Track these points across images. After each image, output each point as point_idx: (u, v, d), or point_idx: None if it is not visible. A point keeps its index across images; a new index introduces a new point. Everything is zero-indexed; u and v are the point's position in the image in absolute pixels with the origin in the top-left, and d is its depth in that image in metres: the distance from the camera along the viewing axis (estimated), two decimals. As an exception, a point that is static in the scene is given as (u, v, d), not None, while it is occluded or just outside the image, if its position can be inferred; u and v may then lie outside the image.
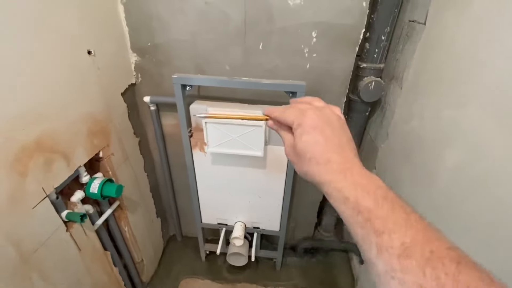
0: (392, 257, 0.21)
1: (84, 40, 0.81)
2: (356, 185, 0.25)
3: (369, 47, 1.03)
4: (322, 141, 0.28)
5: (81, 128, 0.84)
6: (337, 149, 0.28)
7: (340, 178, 0.26)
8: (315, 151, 0.28)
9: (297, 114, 0.30)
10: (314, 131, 0.28)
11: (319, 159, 0.27)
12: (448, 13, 0.76)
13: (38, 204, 0.70)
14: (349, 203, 0.25)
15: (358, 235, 0.24)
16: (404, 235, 0.22)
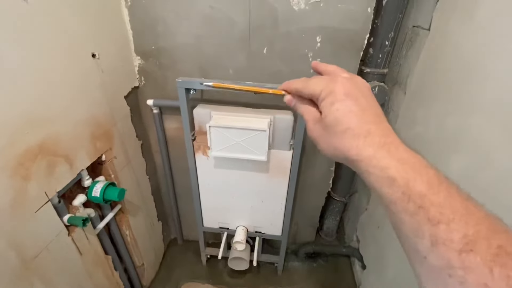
0: (450, 252, 0.18)
1: (88, 43, 0.81)
2: (403, 163, 0.21)
3: (373, 52, 1.03)
4: (358, 110, 0.24)
5: (84, 131, 0.83)
6: (374, 119, 0.24)
7: (384, 153, 0.22)
8: (351, 121, 0.23)
9: (325, 82, 0.26)
10: (348, 99, 0.24)
11: (357, 130, 0.23)
12: (453, 19, 0.76)
13: (40, 208, 0.69)
14: (397, 185, 0.21)
15: (406, 225, 0.20)
16: (466, 226, 0.18)
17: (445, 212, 0.19)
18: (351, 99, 0.24)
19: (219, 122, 0.94)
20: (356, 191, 1.49)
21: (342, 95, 0.25)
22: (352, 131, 0.23)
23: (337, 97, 0.25)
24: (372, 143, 0.22)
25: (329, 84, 0.25)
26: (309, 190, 1.33)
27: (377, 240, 1.19)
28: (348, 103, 0.24)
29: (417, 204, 0.20)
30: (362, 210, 1.38)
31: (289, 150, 1.03)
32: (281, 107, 1.03)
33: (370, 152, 0.22)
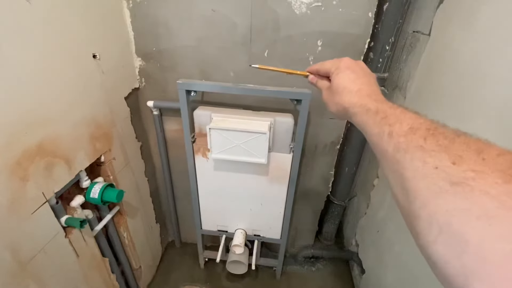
0: (400, 136, 0.25)
1: (89, 44, 0.81)
2: (380, 102, 0.30)
3: (373, 57, 1.04)
4: (354, 77, 0.35)
5: (84, 132, 0.83)
6: (367, 83, 0.34)
7: (367, 100, 0.31)
8: (347, 83, 0.34)
9: (334, 61, 0.38)
10: (348, 70, 0.36)
11: (351, 88, 0.34)
12: (453, 25, 0.77)
13: (38, 209, 0.69)
14: (371, 111, 0.30)
15: (374, 134, 0.28)
16: (412, 122, 0.25)
17: (399, 117, 0.26)
18: (350, 70, 0.36)
19: (220, 124, 0.93)
20: (355, 195, 1.49)
21: (344, 68, 0.36)
22: (347, 89, 0.34)
23: (341, 69, 0.36)
24: (360, 95, 0.33)
25: (337, 62, 0.38)
26: (308, 194, 1.32)
27: (376, 245, 1.19)
28: (348, 72, 0.36)
29: (381, 116, 0.28)
30: (361, 214, 1.38)
31: (289, 153, 1.03)
32: (283, 110, 1.03)
33: (358, 99, 0.32)
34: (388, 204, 1.10)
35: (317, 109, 1.07)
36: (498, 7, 0.62)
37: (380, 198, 1.18)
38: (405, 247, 0.94)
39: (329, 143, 1.16)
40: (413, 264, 0.88)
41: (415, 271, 0.87)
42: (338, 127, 1.12)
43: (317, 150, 1.19)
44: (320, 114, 1.09)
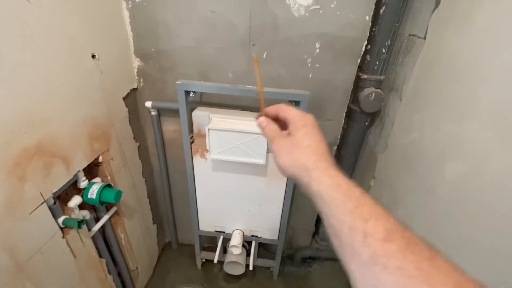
0: (376, 242, 0.23)
1: (88, 44, 0.81)
2: (343, 176, 0.29)
3: (370, 59, 1.05)
4: (319, 138, 0.33)
5: (82, 132, 0.82)
6: (327, 149, 0.33)
7: (333, 169, 0.30)
8: (313, 143, 0.32)
9: (301, 113, 0.35)
10: (314, 129, 0.34)
11: (316, 149, 0.32)
12: (449, 29, 0.79)
13: (35, 209, 0.68)
14: (342, 189, 0.27)
15: (345, 223, 0.26)
16: (386, 223, 0.24)
17: (373, 212, 0.25)
18: (316, 130, 0.34)
19: (219, 125, 0.94)
20: (351, 195, 1.50)
21: (312, 125, 0.34)
22: (312, 149, 0.32)
23: (309, 125, 0.34)
24: (325, 160, 0.31)
25: (305, 115, 0.35)
26: (305, 194, 1.33)
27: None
28: (315, 132, 0.34)
29: (354, 204, 0.26)
30: (357, 215, 1.39)
31: (287, 154, 1.03)
32: (280, 111, 1.03)
33: (324, 165, 0.30)
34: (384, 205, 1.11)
35: (315, 111, 1.08)
36: (492, 12, 0.64)
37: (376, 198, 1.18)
38: (401, 247, 0.95)
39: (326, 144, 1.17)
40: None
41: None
42: (335, 129, 1.13)
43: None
44: (318, 115, 1.10)
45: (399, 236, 0.23)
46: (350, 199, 0.27)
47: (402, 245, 0.23)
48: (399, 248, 0.22)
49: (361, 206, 0.26)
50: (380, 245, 0.23)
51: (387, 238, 0.23)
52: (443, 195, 0.75)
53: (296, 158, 0.32)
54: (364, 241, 0.24)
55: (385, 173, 1.13)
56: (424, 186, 0.84)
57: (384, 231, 0.24)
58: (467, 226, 0.66)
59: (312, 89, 1.00)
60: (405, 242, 0.23)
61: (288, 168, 0.33)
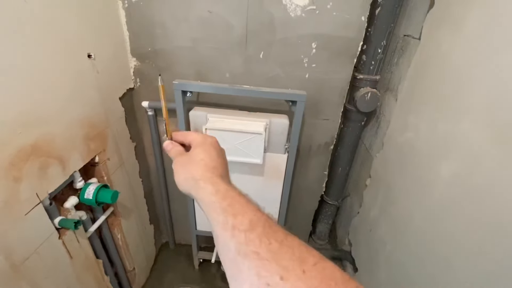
0: (241, 233, 0.26)
1: (84, 44, 0.80)
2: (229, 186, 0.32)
3: (366, 59, 1.06)
4: (215, 154, 0.36)
5: (79, 132, 0.82)
6: (223, 165, 0.36)
7: (219, 180, 0.33)
8: (206, 157, 0.35)
9: (202, 135, 0.39)
10: (212, 147, 0.38)
11: (207, 162, 0.35)
12: (442, 30, 0.80)
13: (31, 210, 0.68)
14: (220, 193, 0.30)
15: (219, 222, 0.28)
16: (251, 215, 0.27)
17: (243, 208, 0.28)
18: (214, 148, 0.37)
19: (216, 124, 0.94)
20: (348, 194, 1.52)
21: (209, 144, 0.38)
22: (204, 162, 0.35)
23: (207, 144, 0.38)
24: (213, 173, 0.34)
25: (205, 136, 0.39)
26: (302, 194, 1.34)
27: (368, 243, 1.21)
28: (211, 148, 0.37)
29: (227, 203, 0.29)
30: (354, 214, 1.40)
31: (284, 153, 1.04)
32: (278, 111, 1.04)
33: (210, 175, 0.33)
34: (380, 204, 1.12)
35: (311, 110, 1.09)
36: (484, 13, 0.65)
37: (372, 197, 1.20)
38: (396, 245, 0.97)
39: (323, 143, 1.18)
40: (404, 261, 0.91)
41: (407, 269, 0.89)
42: (331, 128, 1.14)
43: (311, 150, 1.20)
44: (314, 115, 1.11)
45: (260, 226, 0.26)
46: (225, 200, 0.29)
47: (261, 232, 0.25)
48: (257, 235, 0.25)
49: (233, 204, 0.29)
50: (243, 235, 0.25)
51: (249, 228, 0.26)
52: (438, 193, 0.76)
53: (189, 172, 0.34)
54: (232, 234, 0.26)
55: (381, 172, 1.14)
56: (419, 185, 0.85)
57: (248, 223, 0.26)
58: (461, 224, 0.67)
59: (308, 89, 1.01)
60: (264, 230, 0.25)
61: (182, 182, 0.35)
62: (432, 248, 0.77)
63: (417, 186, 0.86)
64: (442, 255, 0.73)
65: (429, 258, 0.78)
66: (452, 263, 0.69)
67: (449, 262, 0.70)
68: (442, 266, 0.72)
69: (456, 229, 0.69)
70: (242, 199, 0.30)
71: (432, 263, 0.76)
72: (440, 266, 0.73)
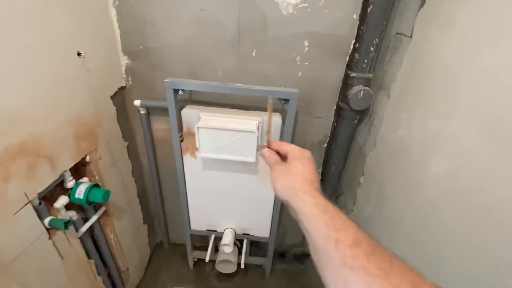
0: (346, 247, 0.28)
1: (74, 41, 0.79)
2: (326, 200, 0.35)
3: (358, 57, 1.07)
4: (312, 169, 0.39)
5: (69, 131, 0.81)
6: (316, 179, 0.39)
7: (317, 193, 0.36)
8: (305, 170, 0.38)
9: (299, 148, 0.42)
10: (310, 162, 0.40)
11: (306, 175, 0.38)
12: (433, 27, 0.80)
13: (20, 210, 0.67)
14: (320, 207, 0.33)
15: (321, 234, 0.31)
16: (355, 234, 0.29)
17: (344, 224, 0.30)
18: (311, 163, 0.40)
19: (208, 123, 0.94)
20: (342, 192, 1.52)
21: (307, 159, 0.40)
22: (303, 175, 0.38)
23: (305, 157, 0.41)
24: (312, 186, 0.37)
25: (302, 150, 0.42)
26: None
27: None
28: (309, 163, 0.40)
29: (329, 217, 0.31)
30: (348, 212, 1.41)
31: (277, 152, 1.04)
32: (270, 109, 1.04)
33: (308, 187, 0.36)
34: (373, 201, 1.13)
35: (304, 109, 1.09)
36: (473, 12, 0.65)
37: (365, 195, 1.21)
38: (389, 242, 0.97)
39: (316, 142, 1.18)
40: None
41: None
42: (325, 127, 1.14)
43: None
44: (307, 113, 1.11)
45: (365, 243, 0.28)
46: (326, 214, 0.32)
47: (367, 250, 0.27)
48: (364, 252, 0.27)
49: (335, 219, 0.31)
50: (348, 249, 0.27)
51: (354, 244, 0.28)
52: (428, 190, 0.77)
53: (288, 181, 0.38)
54: (336, 246, 0.28)
55: (374, 170, 1.15)
56: (411, 182, 0.86)
57: (353, 239, 0.28)
58: (450, 220, 0.68)
59: (301, 87, 1.01)
60: (370, 248, 0.27)
61: (281, 190, 0.39)
62: (423, 245, 0.78)
63: (409, 184, 0.87)
64: (432, 252, 0.73)
65: (419, 255, 0.78)
66: (442, 259, 0.70)
67: (439, 258, 0.71)
68: (432, 262, 0.73)
69: (445, 226, 0.69)
70: (343, 215, 0.32)
71: (422, 260, 0.77)
72: (430, 263, 0.74)
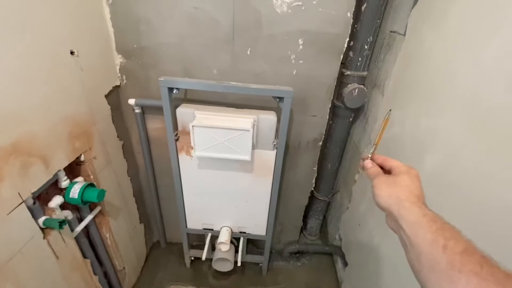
0: (455, 254, 0.28)
1: (66, 40, 0.79)
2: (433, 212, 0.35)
3: (353, 56, 1.07)
4: (419, 185, 0.40)
5: (62, 130, 0.80)
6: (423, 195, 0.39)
7: (424, 206, 0.36)
8: (412, 185, 0.39)
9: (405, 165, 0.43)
10: (417, 178, 0.41)
11: (413, 189, 0.38)
12: (426, 26, 0.81)
13: (13, 210, 0.66)
14: (427, 216, 0.34)
15: (426, 240, 0.31)
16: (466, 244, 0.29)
17: (455, 235, 0.30)
18: (417, 180, 0.40)
19: (203, 121, 0.94)
20: (338, 190, 1.53)
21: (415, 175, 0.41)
22: (410, 188, 0.39)
23: (412, 174, 0.41)
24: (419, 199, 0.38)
25: (410, 167, 0.42)
26: (292, 190, 1.35)
27: (358, 238, 1.23)
28: (416, 179, 0.40)
29: (438, 227, 0.32)
30: (344, 209, 1.42)
31: (273, 150, 1.04)
32: (265, 108, 1.04)
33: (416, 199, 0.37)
34: (368, 198, 1.14)
35: (299, 107, 1.09)
36: (465, 9, 0.66)
37: (361, 192, 1.22)
38: (383, 238, 0.98)
39: (312, 139, 1.19)
40: (390, 254, 0.92)
41: (393, 260, 0.91)
42: (320, 125, 1.15)
43: (300, 146, 1.21)
44: (302, 111, 1.11)
45: (477, 255, 0.27)
46: (435, 223, 0.32)
47: (481, 260, 0.27)
48: (477, 261, 0.27)
49: (444, 229, 0.31)
50: (458, 256, 0.28)
51: (465, 253, 0.28)
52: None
53: (393, 192, 0.39)
54: (443, 251, 0.29)
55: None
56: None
57: (463, 248, 0.28)
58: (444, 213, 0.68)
59: (296, 86, 1.01)
60: (483, 259, 0.27)
61: (384, 198, 0.39)
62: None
63: (403, 180, 0.88)
64: None
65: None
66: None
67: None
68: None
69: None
70: (453, 228, 0.32)
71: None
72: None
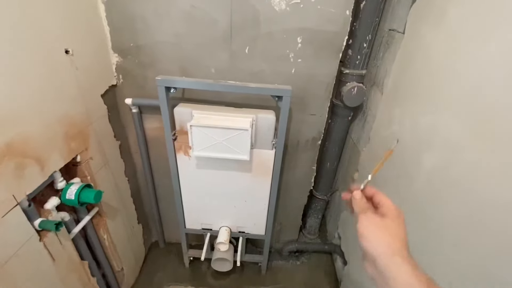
0: None
1: (61, 39, 0.77)
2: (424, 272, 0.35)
3: (352, 54, 1.07)
4: (405, 231, 0.39)
5: (58, 131, 0.79)
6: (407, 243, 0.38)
7: (413, 260, 0.35)
8: (402, 234, 0.38)
9: (395, 207, 0.41)
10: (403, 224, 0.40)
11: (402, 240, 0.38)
12: (425, 24, 0.80)
13: (8, 212, 0.65)
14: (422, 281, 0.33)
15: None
16: None
17: None
18: (404, 224, 0.40)
19: (201, 121, 0.93)
20: (337, 189, 1.53)
21: (403, 219, 0.40)
22: (399, 238, 0.38)
23: (402, 218, 0.40)
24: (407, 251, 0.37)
25: (399, 209, 0.41)
26: (291, 189, 1.34)
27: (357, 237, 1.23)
28: (404, 226, 0.39)
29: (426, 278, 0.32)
30: (343, 208, 1.42)
31: (272, 149, 1.04)
32: (263, 107, 1.03)
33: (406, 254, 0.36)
34: (367, 197, 1.13)
35: (298, 106, 1.09)
36: (464, 8, 0.65)
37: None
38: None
39: (310, 138, 1.18)
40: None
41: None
42: (319, 124, 1.14)
43: (299, 146, 1.20)
44: (301, 110, 1.10)
45: None
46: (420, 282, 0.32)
47: None
48: None
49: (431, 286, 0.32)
50: None
51: None
52: (420, 185, 0.77)
53: (384, 239, 0.37)
54: None
55: (368, 166, 1.15)
56: (404, 177, 0.86)
57: None
58: (442, 214, 0.68)
59: (295, 84, 1.00)
60: None
61: (373, 244, 0.37)
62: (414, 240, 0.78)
63: (401, 179, 0.87)
64: (423, 246, 0.74)
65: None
66: (433, 253, 0.71)
67: (431, 252, 0.71)
68: (424, 256, 0.74)
69: (437, 220, 0.70)
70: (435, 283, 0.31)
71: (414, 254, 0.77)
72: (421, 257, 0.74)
